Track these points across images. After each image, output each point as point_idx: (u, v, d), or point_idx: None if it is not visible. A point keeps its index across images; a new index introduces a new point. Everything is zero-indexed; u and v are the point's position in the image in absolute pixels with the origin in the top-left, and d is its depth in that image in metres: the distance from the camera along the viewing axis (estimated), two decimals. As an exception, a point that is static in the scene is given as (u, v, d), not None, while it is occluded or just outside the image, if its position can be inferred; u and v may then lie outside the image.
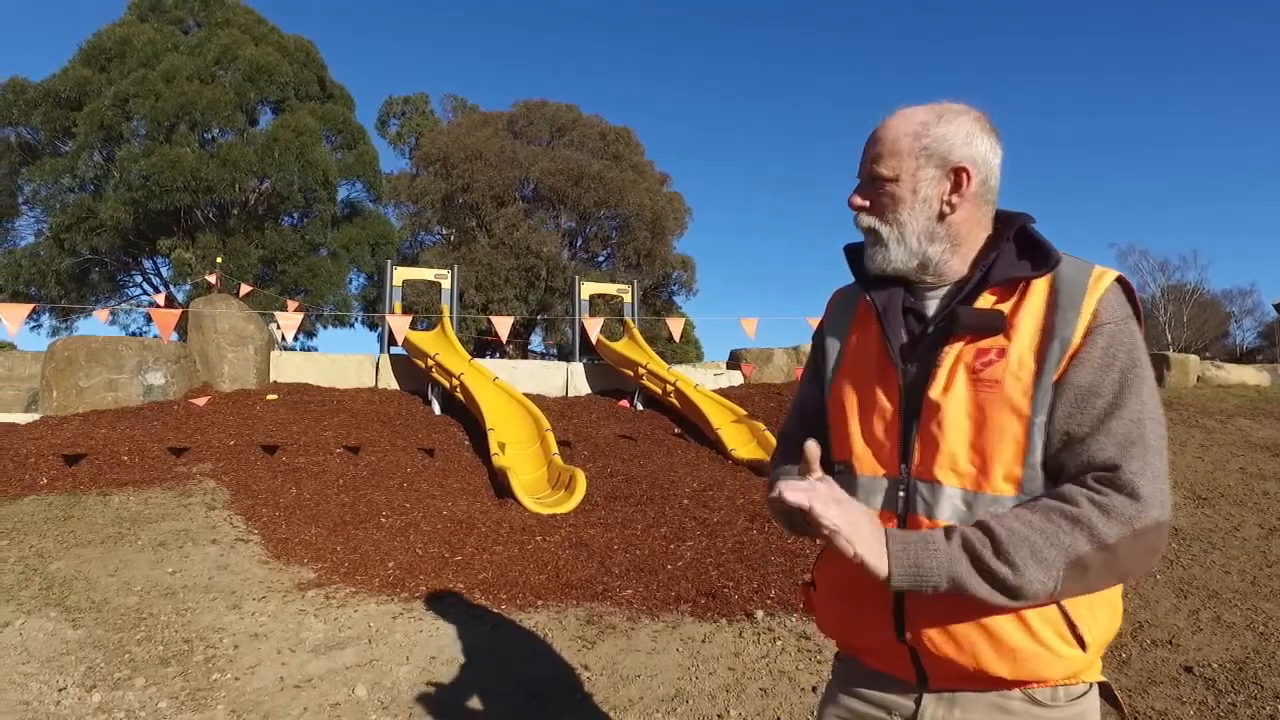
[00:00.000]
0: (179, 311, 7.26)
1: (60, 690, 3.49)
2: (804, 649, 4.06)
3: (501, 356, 20.92)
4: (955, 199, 1.28)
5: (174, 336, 8.72)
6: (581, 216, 24.80)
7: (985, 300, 1.25)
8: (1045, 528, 1.12)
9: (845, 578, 1.29)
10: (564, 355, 22.58)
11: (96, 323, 18.72)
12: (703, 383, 11.07)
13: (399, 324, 8.16)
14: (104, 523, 5.63)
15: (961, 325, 1.23)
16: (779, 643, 4.14)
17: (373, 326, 24.58)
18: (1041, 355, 1.18)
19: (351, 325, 24.61)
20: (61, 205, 18.89)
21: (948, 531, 1.16)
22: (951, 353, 1.24)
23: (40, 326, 20.58)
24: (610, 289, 13.35)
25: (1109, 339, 1.18)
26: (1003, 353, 1.20)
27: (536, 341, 26.64)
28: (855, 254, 1.41)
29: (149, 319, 21.56)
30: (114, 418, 8.22)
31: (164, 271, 21.01)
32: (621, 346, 11.71)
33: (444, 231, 25.13)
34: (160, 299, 11.63)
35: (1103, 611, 1.22)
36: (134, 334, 19.92)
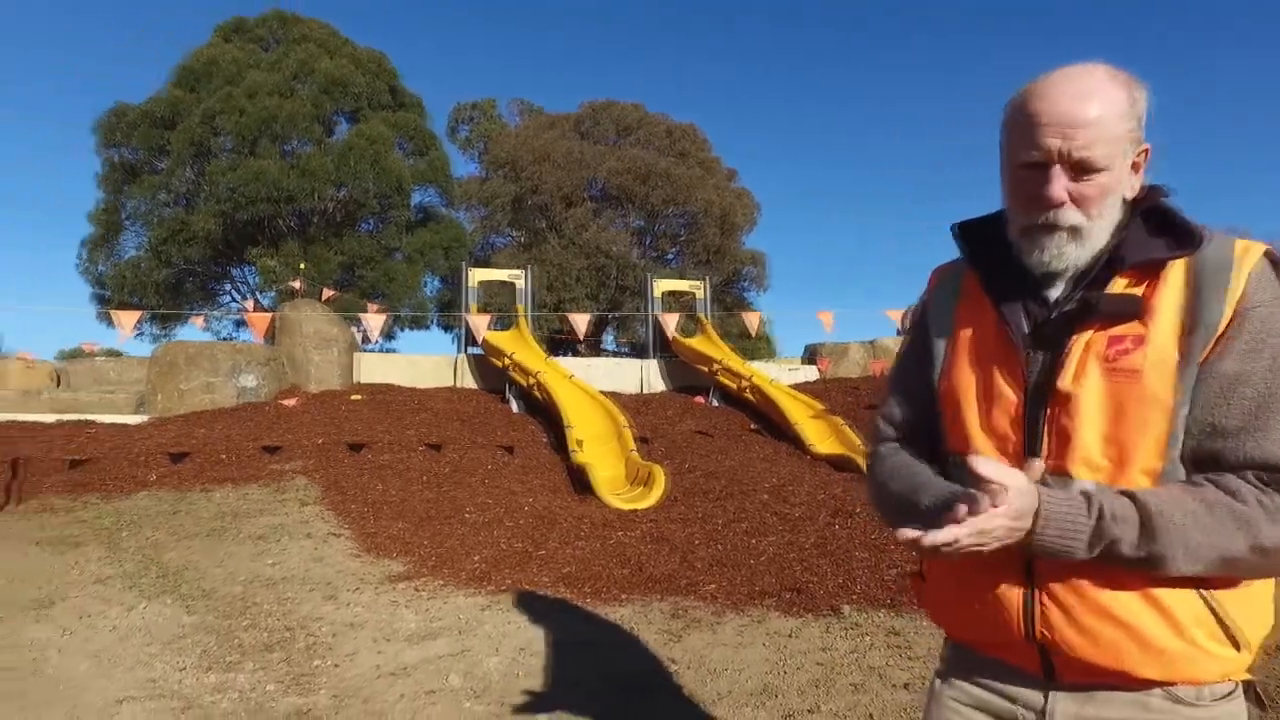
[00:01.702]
0: (271, 315, 7.57)
1: (181, 670, 3.69)
2: (894, 645, 3.99)
3: (574, 355, 21.14)
4: (1136, 182, 1.19)
5: (258, 339, 9.07)
6: (650, 215, 24.84)
7: (1117, 284, 1.16)
8: (1207, 522, 1.05)
9: (963, 568, 1.21)
10: (637, 353, 22.69)
11: (193, 329, 19.81)
12: (779, 378, 10.99)
13: (479, 324, 8.33)
14: (208, 517, 5.91)
15: (1097, 312, 1.15)
16: (868, 638, 4.07)
17: (448, 328, 25.13)
18: (1185, 342, 1.10)
19: (428, 327, 25.21)
20: (159, 219, 19.88)
21: (1090, 502, 1.10)
22: (1081, 340, 1.15)
23: (143, 334, 21.69)
24: (683, 286, 13.36)
25: (1260, 323, 1.09)
26: (1140, 340, 1.12)
27: (609, 340, 26.82)
28: (967, 231, 1.32)
29: (239, 324, 22.56)
30: (212, 418, 8.63)
31: (251, 279, 21.91)
32: (696, 343, 11.71)
33: (515, 233, 25.51)
34: (249, 305, 12.13)
35: (1256, 610, 1.15)
36: (225, 339, 20.83)
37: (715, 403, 10.84)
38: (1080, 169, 1.13)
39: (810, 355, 13.20)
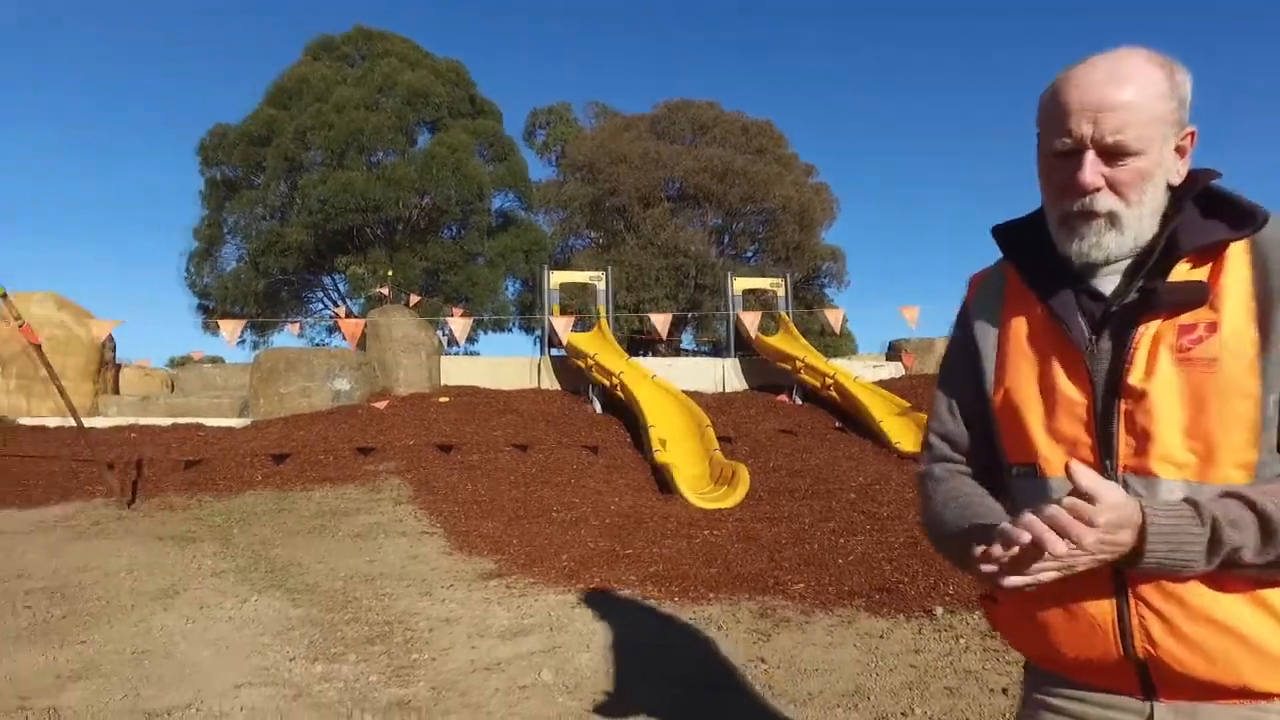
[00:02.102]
0: (363, 321, 7.87)
1: (290, 660, 3.88)
2: (990, 648, 3.88)
3: (653, 355, 21.23)
4: (1182, 167, 1.14)
5: (345, 343, 9.42)
6: (727, 213, 24.75)
7: (1178, 271, 1.11)
8: None
9: (1051, 585, 1.12)
10: (717, 352, 22.61)
11: (288, 336, 20.77)
12: (861, 375, 10.80)
13: (562, 325, 8.45)
14: (309, 515, 6.19)
15: (1161, 301, 1.09)
16: (962, 641, 3.97)
17: (529, 330, 25.57)
18: (1264, 325, 1.05)
19: (509, 330, 25.72)
20: (256, 232, 20.91)
21: (1199, 510, 1.03)
22: (1147, 332, 1.10)
23: (244, 341, 22.86)
24: (763, 283, 13.25)
25: None
26: (1213, 327, 1.06)
27: (687, 339, 26.82)
28: (1006, 235, 1.28)
29: (330, 330, 23.49)
30: (309, 421, 9.01)
31: (341, 287, 22.78)
32: (777, 341, 11.62)
33: (593, 235, 25.78)
34: (340, 312, 12.63)
35: None
36: (317, 345, 21.69)
37: (797, 401, 10.74)
38: (1114, 153, 1.09)
39: (893, 351, 12.93)
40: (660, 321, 9.38)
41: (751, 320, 10.53)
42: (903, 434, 8.63)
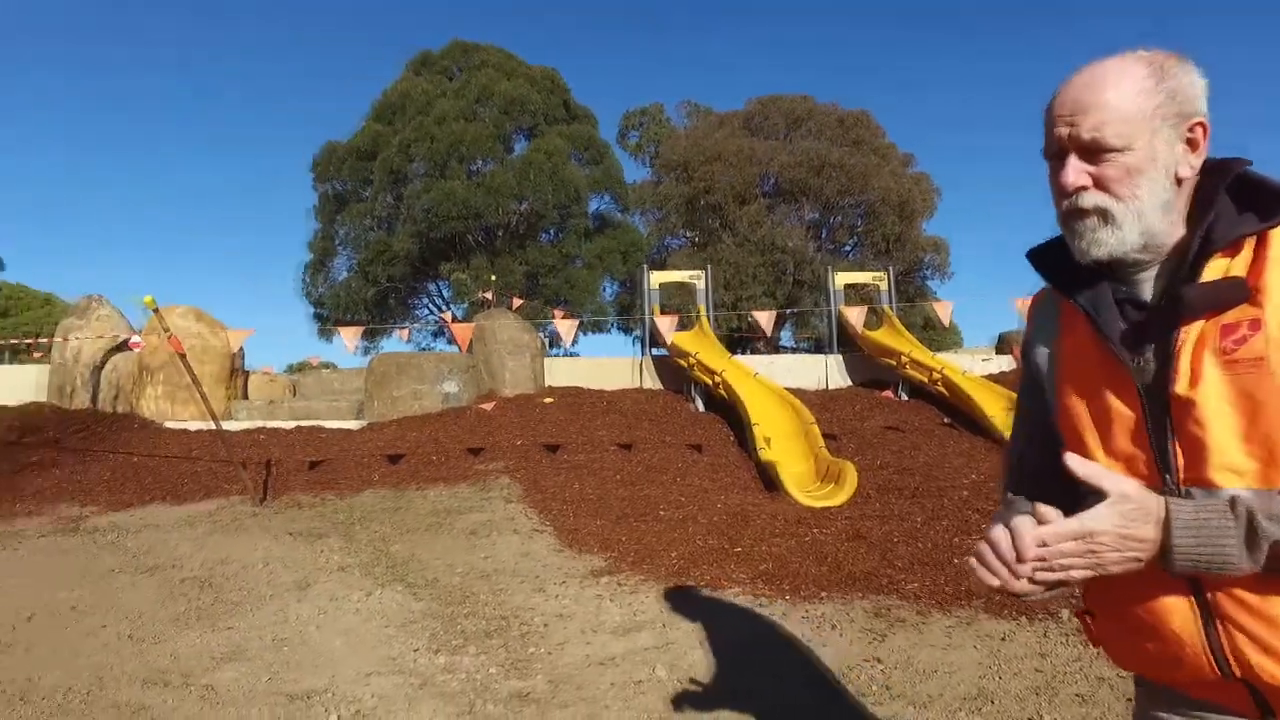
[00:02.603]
0: (473, 325, 8.14)
1: (414, 651, 4.06)
2: (1125, 653, 3.70)
3: (753, 353, 21.08)
4: (1194, 160, 1.12)
5: (450, 347, 9.74)
6: (825, 207, 24.33)
7: (1215, 268, 1.07)
8: None
9: (1125, 600, 1.13)
10: (818, 348, 22.26)
11: (397, 341, 21.70)
12: (970, 369, 10.44)
13: (666, 324, 8.48)
14: (425, 513, 6.44)
15: (1194, 303, 1.06)
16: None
17: (627, 330, 25.80)
18: None
19: (608, 331, 26.04)
20: (365, 243, 21.89)
21: (1234, 504, 1.00)
22: (1189, 337, 1.06)
23: (357, 349, 23.99)
24: (864, 277, 12.98)
25: None
26: (1257, 324, 1.01)
27: (786, 336, 26.50)
28: (1041, 256, 1.26)
29: (435, 335, 24.34)
30: (420, 422, 9.37)
31: (445, 293, 23.59)
32: (881, 336, 11.35)
33: (689, 234, 25.79)
34: (446, 317, 13.08)
35: None
36: (423, 349, 22.49)
37: (903, 397, 10.47)
38: (1094, 151, 1.10)
39: (1003, 344, 12.43)
40: (764, 319, 9.30)
41: (856, 315, 10.31)
42: (1017, 430, 8.30)
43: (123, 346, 11.57)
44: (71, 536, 6.43)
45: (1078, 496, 1.20)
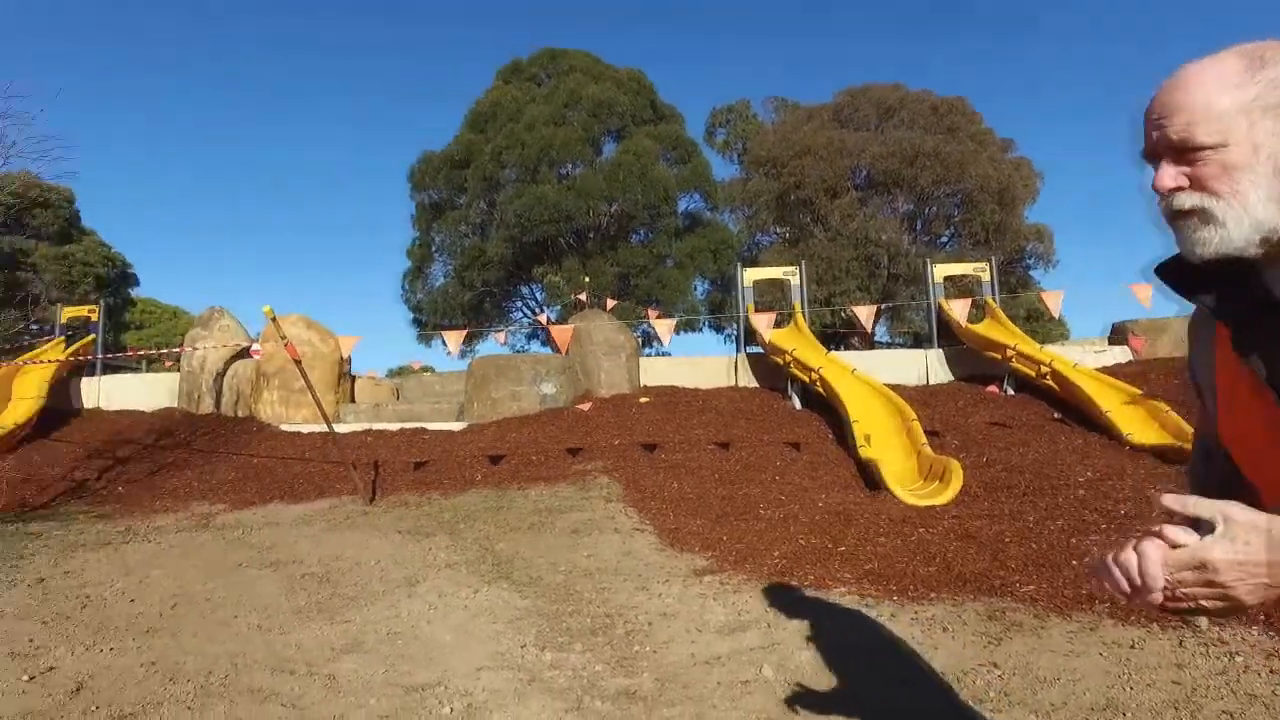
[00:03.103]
0: (572, 327, 8.26)
1: (522, 647, 4.15)
2: (1278, 670, 3.44)
3: (847, 349, 20.67)
4: None
5: (543, 348, 9.90)
6: (919, 198, 23.62)
7: None
8: None
9: None
10: (917, 343, 21.64)
11: (493, 344, 22.30)
12: (1081, 361, 9.93)
13: (763, 322, 8.39)
14: (527, 512, 6.57)
15: None
16: (1239, 659, 3.54)
17: (719, 329, 25.69)
18: None
19: (699, 330, 25.98)
20: (460, 249, 22.53)
21: None
22: None
23: (451, 352, 24.73)
24: (965, 269, 12.50)
25: None
26: None
27: (881, 332, 25.86)
28: (1171, 272, 1.18)
29: (529, 337, 24.83)
30: (519, 423, 9.57)
31: (538, 295, 24.02)
32: (984, 328, 10.93)
33: (779, 230, 25.48)
34: (542, 319, 13.31)
35: None
36: (518, 351, 22.96)
37: (1009, 391, 10.05)
38: (1187, 151, 1.06)
39: (1117, 334, 11.77)
40: (863, 314, 9.09)
41: (959, 308, 9.96)
42: (1136, 424, 7.85)
43: (242, 354, 12.27)
44: (203, 532, 6.85)
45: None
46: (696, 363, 11.54)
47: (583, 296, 13.83)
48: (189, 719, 3.55)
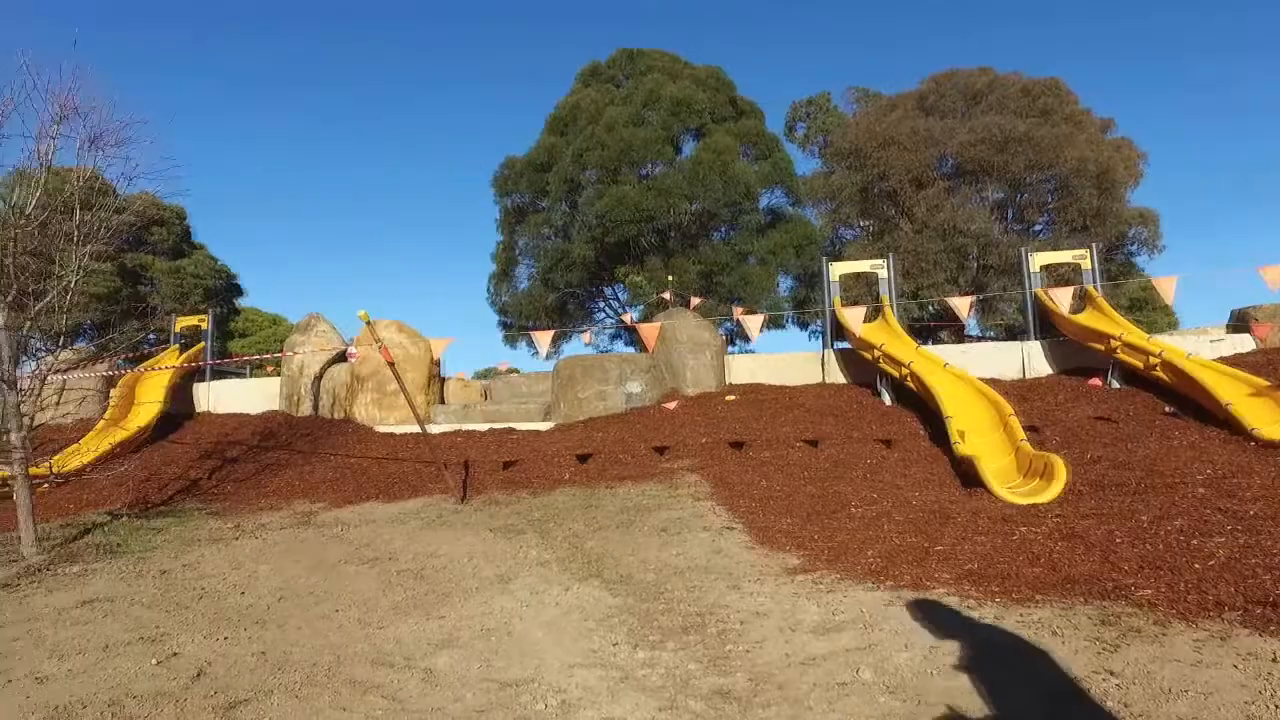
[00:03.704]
0: (659, 326, 8.25)
1: (614, 645, 4.14)
2: None
3: (936, 343, 20.04)
4: None
5: (626, 348, 9.90)
6: (1011, 185, 22.69)
7: None
8: None
9: None
10: (1010, 335, 20.82)
11: (577, 344, 22.56)
12: (1196, 351, 9.34)
13: (854, 316, 8.18)
14: (615, 510, 6.58)
15: None
16: None
17: (804, 325, 25.29)
18: None
19: (783, 326, 25.62)
20: (544, 251, 22.82)
21: None
22: None
23: (537, 352, 25.10)
24: (1064, 257, 11.91)
25: None
26: None
27: (972, 325, 24.98)
28: None
29: (613, 337, 24.98)
30: (605, 423, 9.61)
31: (620, 296, 24.12)
32: (1086, 319, 10.40)
33: (863, 224, 24.90)
34: (627, 318, 13.35)
35: None
36: (600, 352, 23.13)
37: (1114, 384, 9.54)
38: None
39: (1238, 321, 11.03)
40: (961, 305, 8.76)
41: (1061, 297, 9.49)
42: (1263, 418, 7.32)
43: (339, 359, 12.73)
44: (305, 529, 7.12)
45: None
46: (782, 359, 11.36)
47: (666, 295, 13.82)
48: (296, 707, 3.67)
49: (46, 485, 8.49)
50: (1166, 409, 8.40)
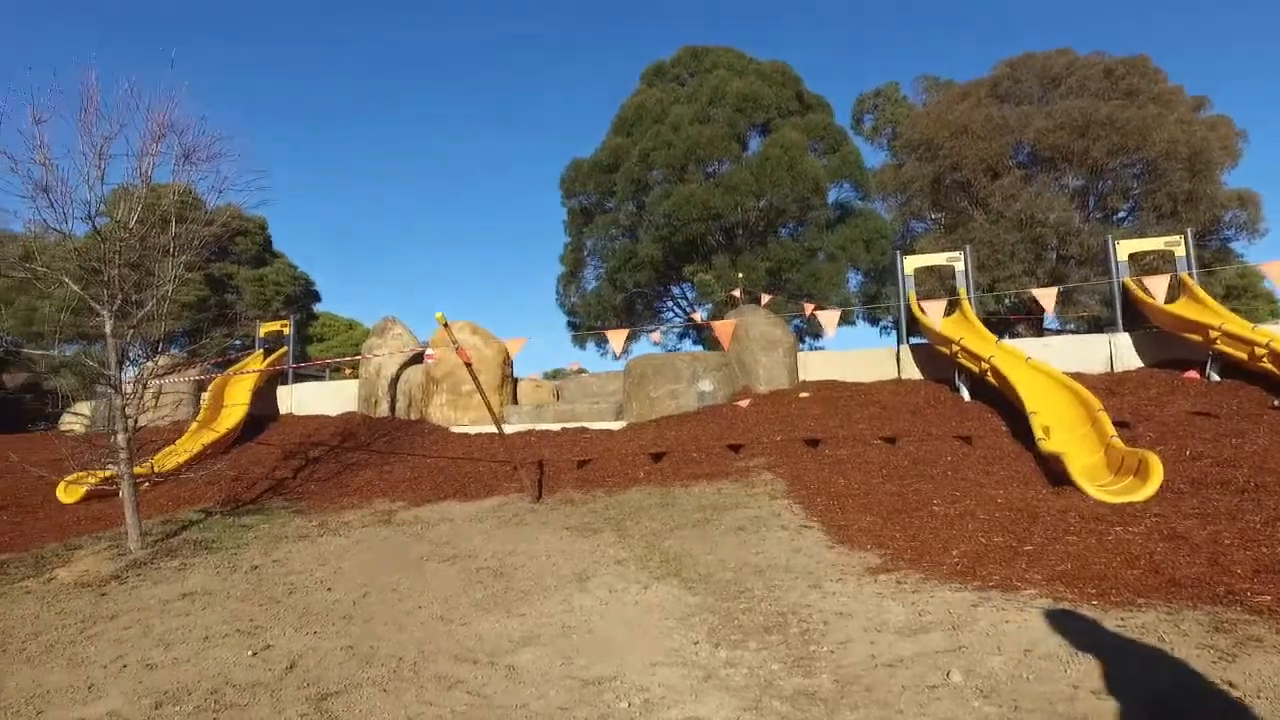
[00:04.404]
0: (733, 322, 8.20)
1: (695, 644, 4.11)
2: None
3: (1013, 337, 19.39)
4: None
5: (693, 347, 9.85)
6: (1091, 171, 21.81)
7: None
8: None
9: None
10: (1096, 327, 20.04)
11: (646, 344, 22.61)
12: (1308, 341, 8.80)
13: (935, 310, 7.95)
14: (691, 509, 6.55)
15: None
16: None
17: (874, 321, 24.81)
18: None
19: (853, 322, 25.17)
20: (611, 252, 22.93)
21: None
22: None
23: (605, 353, 25.27)
24: (1155, 244, 11.36)
25: None
26: None
27: (1049, 319, 24.10)
28: None
29: (680, 336, 24.95)
30: (678, 421, 9.58)
31: (688, 295, 24.07)
32: (1181, 308, 9.91)
33: (934, 216, 24.31)
34: (697, 317, 13.30)
35: None
36: (668, 351, 23.08)
37: (1213, 377, 9.06)
38: None
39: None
40: (1046, 296, 8.41)
41: (1155, 286, 9.06)
42: (1382, 411, 6.86)
43: (415, 360, 13.03)
44: (386, 527, 7.29)
45: None
46: (855, 356, 11.15)
47: (737, 293, 13.72)
48: (384, 700, 3.76)
49: (147, 484, 8.91)
50: (1275, 403, 7.94)
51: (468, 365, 7.21)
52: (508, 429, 10.61)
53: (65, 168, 6.54)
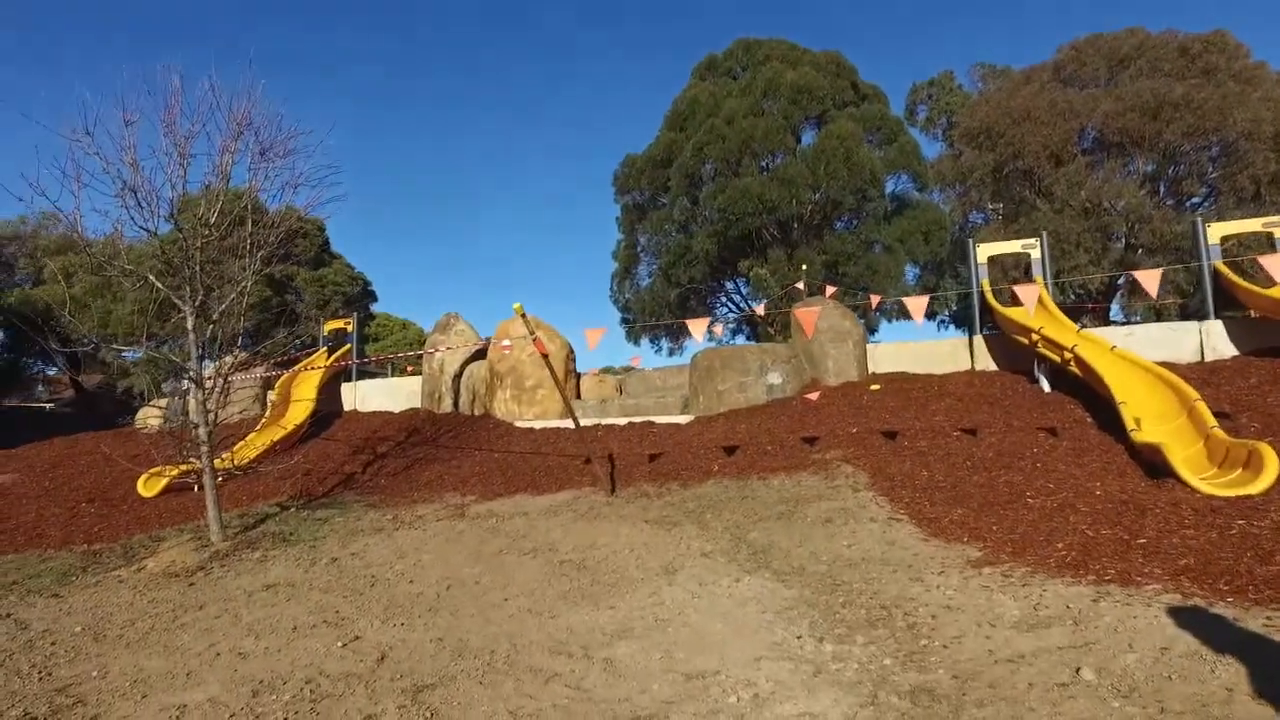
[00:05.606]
0: (816, 310, 8.01)
1: (798, 638, 3.97)
2: None
3: (1083, 326, 18.75)
4: None
5: (748, 342, 9.64)
6: (1164, 155, 21.00)
7: None
8: None
9: None
10: (1186, 315, 19.26)
11: (695, 342, 22.51)
12: None
13: (1028, 296, 7.60)
14: (772, 501, 6.39)
15: None
16: None
17: (932, 315, 24.27)
18: None
19: (908, 316, 24.63)
20: (666, 248, 22.79)
21: None
22: None
23: (659, 349, 25.18)
24: (1252, 226, 10.76)
25: None
26: None
27: (1114, 310, 23.30)
28: None
29: (734, 331, 24.71)
30: (748, 414, 9.42)
31: (742, 289, 23.83)
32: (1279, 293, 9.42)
33: (993, 206, 23.67)
34: (759, 310, 13.11)
35: None
36: (721, 344, 22.81)
37: (1317, 365, 8.58)
38: None
39: None
40: (1149, 279, 8.03)
41: (1275, 265, 8.57)
42: None
43: (477, 356, 13.06)
44: (460, 521, 7.27)
45: None
46: (925, 347, 10.86)
47: (800, 285, 13.49)
48: (482, 693, 3.69)
49: (223, 478, 9.06)
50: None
51: (545, 357, 7.15)
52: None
53: (149, 168, 6.65)
